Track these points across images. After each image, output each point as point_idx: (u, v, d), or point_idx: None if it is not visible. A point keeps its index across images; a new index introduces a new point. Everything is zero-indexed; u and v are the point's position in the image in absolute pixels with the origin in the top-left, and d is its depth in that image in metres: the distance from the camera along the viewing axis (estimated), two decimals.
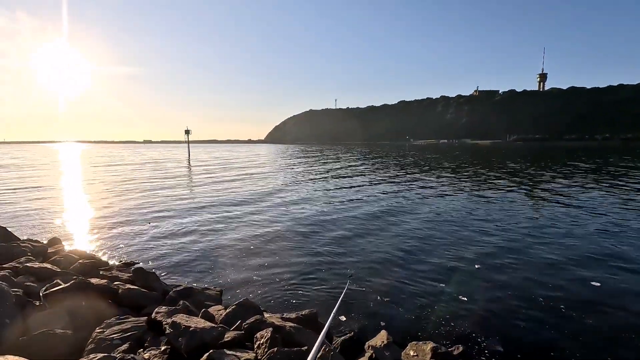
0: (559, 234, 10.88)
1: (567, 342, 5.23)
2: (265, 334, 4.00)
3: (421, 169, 36.39)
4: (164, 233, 11.34)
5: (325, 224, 12.42)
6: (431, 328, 5.61)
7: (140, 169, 37.87)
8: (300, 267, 8.31)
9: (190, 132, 58.61)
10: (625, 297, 6.68)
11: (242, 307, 5.13)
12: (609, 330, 5.55)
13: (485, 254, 9.11)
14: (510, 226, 11.96)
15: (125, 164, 46.35)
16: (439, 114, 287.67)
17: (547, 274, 7.81)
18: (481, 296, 6.73)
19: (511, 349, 5.08)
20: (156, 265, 8.51)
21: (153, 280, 6.03)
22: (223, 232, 11.42)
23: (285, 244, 10.21)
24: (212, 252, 9.44)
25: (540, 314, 6.05)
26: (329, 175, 30.62)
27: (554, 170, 33.10)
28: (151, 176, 30.21)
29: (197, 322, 3.87)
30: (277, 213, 14.38)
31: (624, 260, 8.57)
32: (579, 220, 12.71)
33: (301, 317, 5.21)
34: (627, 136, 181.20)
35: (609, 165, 37.92)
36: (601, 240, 10.24)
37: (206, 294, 6.25)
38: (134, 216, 13.82)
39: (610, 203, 16.01)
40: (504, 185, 22.59)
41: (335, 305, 3.47)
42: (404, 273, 7.93)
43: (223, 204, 16.60)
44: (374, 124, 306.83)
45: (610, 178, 26.18)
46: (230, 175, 30.58)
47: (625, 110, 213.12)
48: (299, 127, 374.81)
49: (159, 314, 4.55)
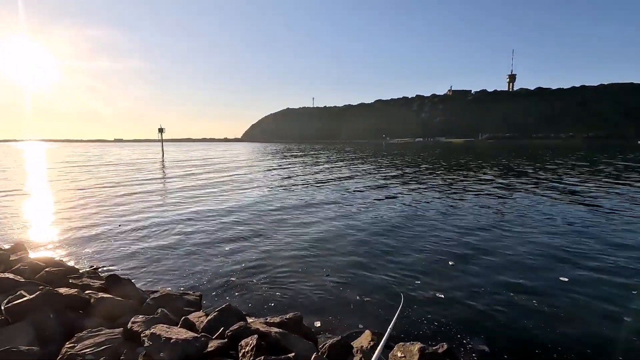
0: (527, 230, 11.27)
1: (543, 335, 5.39)
2: (251, 342, 3.85)
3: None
4: (137, 236, 10.88)
5: (305, 224, 12.29)
6: (414, 328, 5.63)
7: (110, 169, 36.36)
8: (279, 268, 8.18)
9: (164, 131, 56.96)
10: (592, 288, 6.97)
11: (224, 313, 4.94)
12: (582, 322, 5.76)
13: (461, 252, 9.30)
14: (495, 223, 12.27)
15: (94, 164, 44.38)
16: (414, 112, 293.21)
17: (519, 269, 8.03)
18: (458, 293, 6.82)
19: (493, 344, 5.17)
20: (130, 270, 8.12)
21: (128, 287, 5.72)
22: (199, 234, 11.07)
23: (263, 244, 10.02)
24: (189, 255, 9.13)
25: (515, 309, 6.21)
26: (309, 176, 30.49)
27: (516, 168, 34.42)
28: (122, 176, 29.05)
29: (178, 332, 3.67)
30: (255, 213, 14.11)
31: (586, 254, 8.95)
32: (549, 215, 13.24)
33: (286, 320, 5.08)
34: (590, 135, 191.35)
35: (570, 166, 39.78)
36: (566, 234, 10.71)
37: (185, 300, 5.99)
38: (105, 219, 13.18)
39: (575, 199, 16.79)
40: (483, 184, 23.23)
41: (392, 321, 3.53)
42: (382, 272, 7.94)
43: (198, 204, 16.15)
44: (351, 123, 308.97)
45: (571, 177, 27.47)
46: (207, 175, 29.86)
47: (588, 110, 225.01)
48: (277, 125, 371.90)
49: (135, 323, 4.30)
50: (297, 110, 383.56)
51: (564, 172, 30.16)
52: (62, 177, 28.86)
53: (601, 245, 9.61)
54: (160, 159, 52.73)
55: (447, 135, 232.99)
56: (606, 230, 11.06)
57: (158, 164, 42.94)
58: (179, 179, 27.23)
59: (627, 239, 10.21)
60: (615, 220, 12.45)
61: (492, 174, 29.38)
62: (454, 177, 27.13)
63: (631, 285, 7.03)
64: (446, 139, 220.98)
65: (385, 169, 34.38)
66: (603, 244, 9.76)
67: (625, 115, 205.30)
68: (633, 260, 8.48)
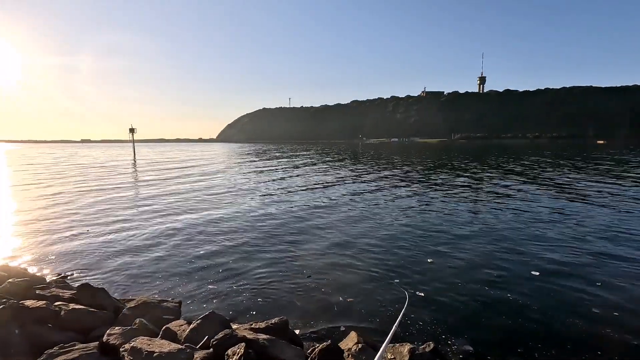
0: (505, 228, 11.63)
1: (518, 328, 5.52)
2: (238, 350, 3.69)
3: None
4: (109, 242, 10.35)
5: (280, 226, 12.08)
6: (400, 329, 5.61)
7: (78, 172, 34.65)
8: (259, 271, 8.00)
9: (135, 131, 54.93)
10: (561, 281, 7.25)
11: (208, 320, 4.73)
12: (553, 314, 5.95)
13: (441, 250, 9.45)
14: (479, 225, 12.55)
15: (59, 167, 42.18)
16: (390, 113, 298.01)
17: (493, 264, 8.24)
18: (438, 291, 6.90)
19: (475, 341, 5.24)
20: (103, 278, 7.70)
21: (102, 296, 5.38)
22: (174, 239, 10.65)
23: (240, 247, 9.79)
24: (165, 260, 8.76)
25: (492, 303, 6.35)
26: (289, 179, 30.27)
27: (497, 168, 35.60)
28: (90, 180, 27.72)
29: (161, 345, 3.45)
30: (231, 218, 13.66)
31: (552, 248, 9.33)
32: (513, 212, 13.72)
33: (271, 325, 4.93)
34: (554, 135, 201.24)
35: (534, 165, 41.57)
36: (530, 227, 11.13)
37: (164, 307, 5.72)
38: (72, 225, 12.46)
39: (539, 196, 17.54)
40: (459, 183, 23.80)
41: (394, 324, 3.44)
42: (362, 271, 7.92)
43: (172, 210, 15.57)
44: (328, 123, 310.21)
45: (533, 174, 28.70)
46: (179, 176, 28.99)
47: (551, 111, 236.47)
48: (253, 125, 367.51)
49: (112, 336, 4.03)
50: (274, 110, 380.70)
51: (542, 169, 31.49)
52: (26, 181, 27.17)
53: (566, 239, 10.03)
54: (132, 161, 50.79)
55: (421, 136, 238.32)
56: (570, 225, 11.57)
57: (130, 168, 41.35)
58: (152, 183, 26.28)
59: (593, 233, 10.70)
60: (581, 214, 13.05)
61: (471, 173, 30.25)
62: (435, 176, 27.73)
63: (595, 278, 7.35)
64: (421, 139, 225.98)
65: (371, 170, 34.65)
66: (569, 237, 10.19)
67: (586, 116, 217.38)
68: (595, 253, 8.90)
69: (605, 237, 10.26)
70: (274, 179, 26.54)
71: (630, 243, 9.72)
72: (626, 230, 10.91)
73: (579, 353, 4.92)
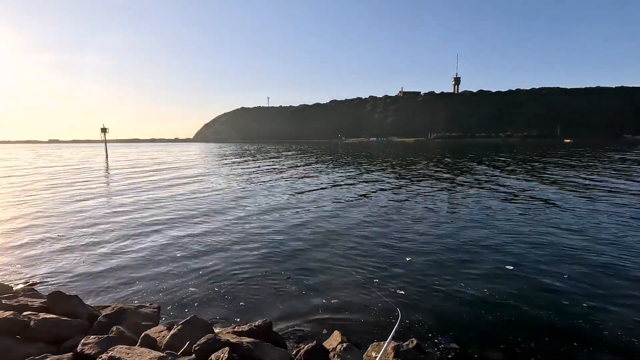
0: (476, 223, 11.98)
1: (496, 321, 5.70)
2: (222, 355, 3.60)
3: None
4: (81, 245, 9.91)
5: (262, 228, 11.93)
6: (382, 328, 5.65)
7: (46, 174, 33.07)
8: (239, 274, 7.86)
9: (107, 131, 52.97)
10: (534, 275, 7.53)
11: (189, 325, 4.59)
12: (528, 308, 6.18)
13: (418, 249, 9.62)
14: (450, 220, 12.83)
15: (27, 169, 40.11)
16: (368, 113, 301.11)
17: (469, 260, 8.48)
18: (418, 289, 7.00)
19: (458, 337, 5.36)
20: (76, 285, 7.35)
21: (75, 304, 5.12)
22: (150, 243, 10.28)
23: (221, 250, 9.61)
24: (141, 264, 8.47)
25: (470, 299, 6.54)
26: (249, 174, 30.04)
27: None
28: (60, 182, 26.49)
29: (141, 353, 3.31)
30: (209, 220, 13.33)
31: (526, 242, 9.71)
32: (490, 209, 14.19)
33: (255, 328, 4.85)
34: (524, 134, 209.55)
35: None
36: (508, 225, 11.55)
37: (142, 313, 5.51)
38: (41, 229, 11.84)
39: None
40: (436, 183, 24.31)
41: (391, 332, 3.44)
42: (344, 271, 7.93)
43: (145, 208, 15.11)
44: (307, 123, 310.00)
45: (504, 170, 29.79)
46: (155, 177, 28.16)
47: (522, 112, 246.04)
48: (231, 125, 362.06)
49: (87, 345, 3.84)
50: (252, 110, 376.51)
51: (512, 169, 32.67)
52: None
53: (538, 234, 10.43)
54: (104, 162, 48.93)
55: (399, 135, 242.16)
56: (542, 220, 12.07)
57: (102, 170, 39.86)
58: (126, 185, 25.40)
59: (563, 228, 11.19)
60: (552, 211, 13.63)
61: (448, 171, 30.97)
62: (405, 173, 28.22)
63: (563, 272, 7.67)
64: (398, 138, 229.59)
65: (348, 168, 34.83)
66: (541, 233, 10.60)
67: (553, 116, 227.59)
68: (564, 247, 9.30)
69: (575, 230, 10.75)
70: (263, 182, 26.25)
71: (598, 235, 10.24)
72: (596, 225, 11.48)
73: (553, 344, 5.13)
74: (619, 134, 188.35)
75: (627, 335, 5.27)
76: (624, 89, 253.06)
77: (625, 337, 5.23)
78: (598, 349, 4.99)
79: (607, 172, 27.88)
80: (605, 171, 28.44)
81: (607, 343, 5.11)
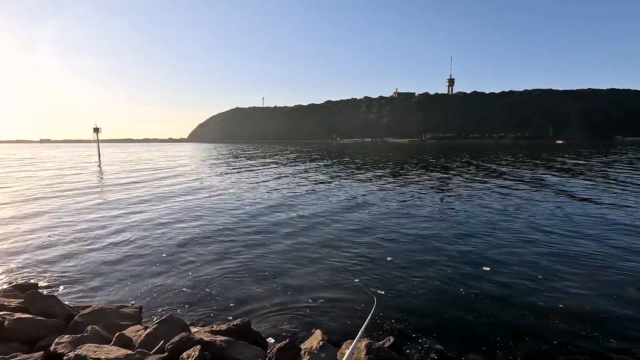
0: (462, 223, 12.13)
1: (474, 320, 5.81)
2: (192, 353, 3.65)
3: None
4: (65, 245, 9.88)
5: (244, 226, 11.97)
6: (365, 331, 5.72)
7: (34, 174, 32.73)
8: (226, 274, 7.89)
9: (100, 131, 52.45)
10: (510, 276, 7.66)
11: (165, 324, 4.63)
12: (504, 309, 6.30)
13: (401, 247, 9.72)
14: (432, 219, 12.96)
15: (14, 169, 39.66)
16: (363, 113, 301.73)
17: (448, 260, 8.58)
18: (399, 289, 7.09)
19: (440, 337, 5.45)
20: (58, 285, 7.33)
21: (52, 304, 5.13)
22: (136, 243, 10.26)
23: (203, 247, 9.65)
24: (127, 265, 8.47)
25: (449, 298, 6.66)
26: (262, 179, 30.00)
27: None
28: (50, 184, 26.24)
29: (109, 351, 3.35)
30: (195, 217, 13.36)
31: (501, 244, 9.85)
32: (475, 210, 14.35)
33: (233, 327, 4.89)
34: (517, 135, 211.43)
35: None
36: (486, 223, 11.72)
37: (122, 313, 5.53)
38: (24, 227, 11.77)
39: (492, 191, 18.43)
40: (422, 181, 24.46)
41: (362, 327, 3.48)
42: (328, 273, 7.97)
43: (137, 212, 15.04)
44: (302, 123, 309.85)
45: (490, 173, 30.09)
46: (145, 174, 28.02)
47: (514, 113, 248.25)
48: (226, 125, 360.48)
49: (59, 345, 3.87)
50: (247, 110, 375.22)
51: (509, 168, 32.99)
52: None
53: (513, 236, 10.58)
54: (97, 162, 48.51)
55: (393, 136, 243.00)
56: (520, 219, 12.25)
57: (94, 170, 39.53)
58: (117, 185, 25.23)
59: (537, 229, 11.35)
60: (528, 212, 13.82)
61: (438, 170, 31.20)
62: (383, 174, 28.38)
63: (538, 273, 7.80)
64: (393, 139, 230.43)
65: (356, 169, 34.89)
66: (516, 234, 10.77)
67: (545, 117, 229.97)
68: (538, 248, 9.46)
69: (551, 231, 10.92)
70: (258, 182, 26.22)
71: (572, 233, 10.44)
72: (576, 223, 11.68)
73: (527, 342, 5.24)
74: (608, 135, 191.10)
75: (609, 335, 5.40)
76: (615, 91, 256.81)
77: (607, 336, 5.35)
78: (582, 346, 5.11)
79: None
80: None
81: (590, 341, 5.23)
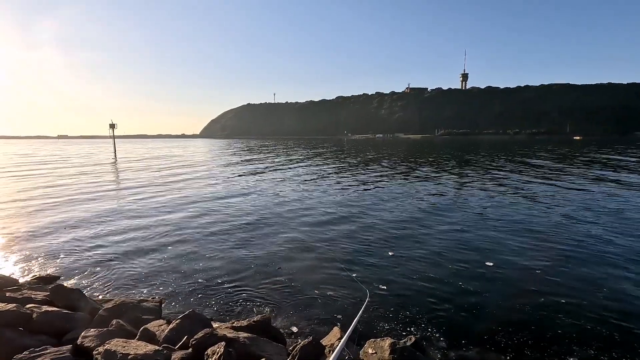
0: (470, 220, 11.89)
1: (478, 316, 5.68)
2: (217, 350, 3.63)
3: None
4: (86, 240, 10.04)
5: (263, 224, 11.91)
6: (381, 324, 5.65)
7: (52, 169, 33.53)
8: (243, 269, 7.90)
9: (115, 126, 53.33)
10: (514, 271, 7.54)
11: (188, 319, 4.65)
12: (508, 303, 6.14)
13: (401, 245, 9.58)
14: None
15: (36, 162, 40.73)
16: (374, 109, 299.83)
17: (452, 256, 8.48)
18: (402, 285, 7.01)
19: (450, 333, 5.34)
20: (80, 278, 7.47)
21: (77, 298, 5.21)
22: (154, 235, 10.41)
23: (223, 244, 9.67)
24: (146, 259, 8.56)
25: (455, 294, 6.54)
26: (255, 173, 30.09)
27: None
28: (68, 177, 26.84)
29: (137, 346, 3.36)
30: (215, 215, 13.37)
31: (503, 240, 9.65)
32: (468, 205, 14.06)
33: (253, 324, 4.89)
34: (533, 131, 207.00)
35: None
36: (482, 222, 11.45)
37: (143, 307, 5.58)
38: (47, 223, 12.00)
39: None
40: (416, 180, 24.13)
41: (355, 319, 3.44)
42: (340, 266, 7.92)
43: (151, 204, 15.22)
44: (313, 119, 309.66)
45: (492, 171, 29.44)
46: (166, 173, 28.42)
47: (530, 108, 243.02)
48: (237, 121, 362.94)
49: (86, 338, 3.91)
50: (258, 106, 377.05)
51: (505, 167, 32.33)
52: None
53: (516, 232, 10.40)
54: (112, 158, 49.43)
55: (405, 131, 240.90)
56: (523, 217, 11.93)
57: (109, 165, 40.32)
58: (135, 181, 25.64)
59: (538, 224, 11.12)
60: (527, 207, 13.44)
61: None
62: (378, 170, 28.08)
63: (537, 266, 7.68)
64: (405, 135, 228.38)
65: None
66: (519, 230, 10.57)
67: (562, 113, 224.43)
68: (538, 243, 9.32)
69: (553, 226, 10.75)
70: (266, 179, 26.33)
71: (575, 230, 10.26)
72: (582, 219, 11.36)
73: (539, 337, 5.11)
74: (628, 130, 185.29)
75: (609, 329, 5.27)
76: (636, 85, 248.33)
77: (607, 331, 5.23)
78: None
79: None
80: None
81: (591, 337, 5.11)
